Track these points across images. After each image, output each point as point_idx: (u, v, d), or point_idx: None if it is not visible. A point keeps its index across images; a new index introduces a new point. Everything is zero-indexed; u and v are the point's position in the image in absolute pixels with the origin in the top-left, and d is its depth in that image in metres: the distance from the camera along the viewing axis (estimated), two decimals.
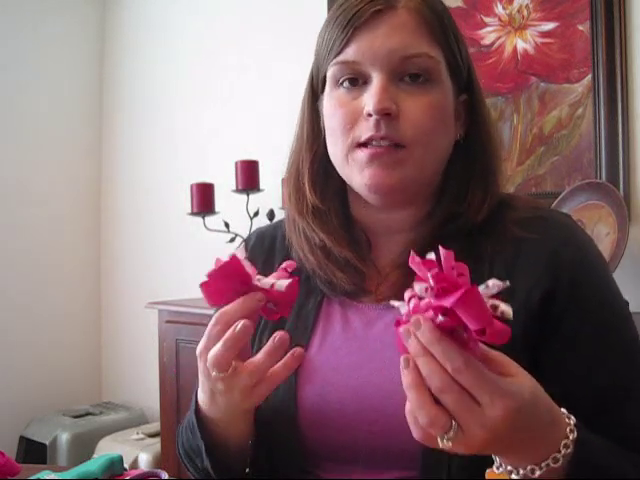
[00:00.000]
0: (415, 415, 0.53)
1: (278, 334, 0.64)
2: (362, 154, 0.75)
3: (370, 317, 0.79)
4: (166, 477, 0.92)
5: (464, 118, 0.82)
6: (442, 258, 0.52)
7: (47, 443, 2.59)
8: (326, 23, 0.79)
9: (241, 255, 0.65)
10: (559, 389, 0.70)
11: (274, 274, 0.68)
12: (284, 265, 0.69)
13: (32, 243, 2.94)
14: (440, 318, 0.51)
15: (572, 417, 0.60)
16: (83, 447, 2.55)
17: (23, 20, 2.92)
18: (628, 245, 1.57)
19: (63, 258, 3.07)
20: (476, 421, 0.52)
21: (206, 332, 0.66)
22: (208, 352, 0.65)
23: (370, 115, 0.73)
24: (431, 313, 0.52)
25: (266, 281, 0.65)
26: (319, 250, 0.82)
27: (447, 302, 0.50)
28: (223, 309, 0.66)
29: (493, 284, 0.53)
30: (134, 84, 3.09)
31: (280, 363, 0.65)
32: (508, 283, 0.53)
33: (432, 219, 0.80)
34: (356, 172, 0.76)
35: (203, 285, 0.64)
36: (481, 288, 0.52)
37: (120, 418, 2.77)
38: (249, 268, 0.65)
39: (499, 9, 1.99)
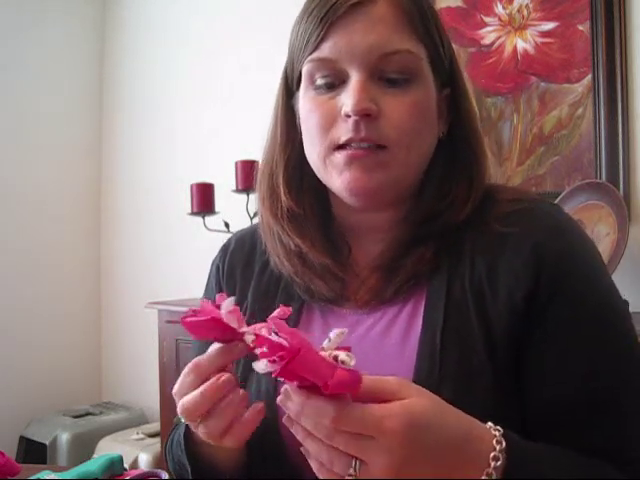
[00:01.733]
0: (317, 460, 0.55)
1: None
2: (340, 156, 0.71)
3: (350, 322, 0.76)
4: (166, 477, 0.92)
5: (446, 114, 0.77)
6: (276, 328, 0.54)
7: (47, 443, 2.59)
8: (300, 16, 0.75)
9: (226, 308, 0.60)
10: (545, 388, 0.68)
11: (263, 324, 0.61)
12: (278, 313, 0.62)
13: (32, 243, 2.94)
14: (295, 383, 0.54)
15: (499, 428, 0.58)
16: (83, 447, 2.55)
17: (23, 20, 2.92)
18: (628, 245, 1.57)
19: (63, 258, 3.07)
20: (373, 452, 0.52)
21: (180, 377, 0.64)
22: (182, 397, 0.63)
23: (349, 116, 0.69)
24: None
25: (250, 338, 0.60)
26: (295, 257, 0.78)
27: (278, 369, 0.52)
28: (197, 361, 0.62)
29: (334, 336, 0.55)
30: (134, 84, 3.09)
31: (243, 419, 0.62)
32: (346, 330, 0.55)
33: (413, 217, 0.76)
34: (335, 175, 0.72)
35: (183, 322, 0.61)
36: (325, 343, 0.54)
37: (120, 418, 2.77)
38: (233, 320, 0.60)
39: (499, 9, 1.99)
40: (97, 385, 3.17)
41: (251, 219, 2.27)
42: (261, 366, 0.54)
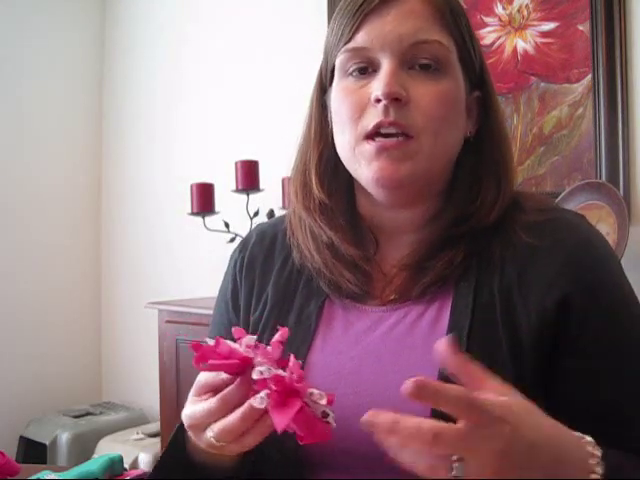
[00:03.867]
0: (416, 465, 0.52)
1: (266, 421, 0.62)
2: (369, 147, 0.73)
3: (373, 319, 0.77)
4: None
5: (476, 115, 0.80)
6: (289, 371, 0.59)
7: (47, 443, 2.59)
8: (336, 14, 0.78)
9: (246, 343, 0.63)
10: (578, 395, 0.69)
11: (267, 350, 0.63)
12: (279, 338, 0.64)
13: (32, 243, 2.94)
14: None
15: (598, 449, 0.58)
16: (83, 447, 2.55)
17: (23, 21, 2.92)
18: (628, 245, 1.57)
19: (63, 258, 3.07)
20: (482, 442, 0.50)
21: (202, 408, 0.63)
22: (201, 430, 0.64)
23: (378, 100, 0.71)
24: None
25: (264, 375, 0.61)
26: (326, 248, 0.80)
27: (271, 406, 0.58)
28: (222, 395, 0.62)
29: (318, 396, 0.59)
30: (134, 84, 3.09)
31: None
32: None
33: (441, 219, 0.77)
34: (364, 165, 0.74)
35: (210, 367, 0.62)
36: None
37: (120, 418, 2.77)
38: (254, 355, 0.62)
39: (499, 9, 1.99)
40: (97, 385, 3.17)
41: (251, 219, 2.27)
42: (258, 400, 0.58)
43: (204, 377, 0.65)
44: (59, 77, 3.06)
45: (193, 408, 0.64)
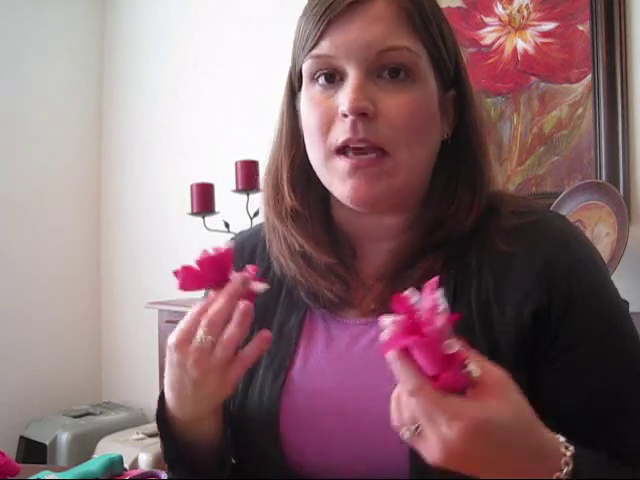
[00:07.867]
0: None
1: (241, 304, 0.66)
2: (343, 163, 0.70)
3: (354, 333, 0.75)
4: (166, 477, 0.92)
5: (452, 115, 0.76)
6: (426, 294, 0.56)
7: (47, 443, 2.59)
8: (302, 15, 0.74)
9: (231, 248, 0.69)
10: (559, 405, 0.68)
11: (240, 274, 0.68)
12: (250, 269, 0.69)
13: (32, 243, 2.94)
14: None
15: (570, 447, 0.58)
16: (83, 447, 2.55)
17: (23, 19, 2.92)
18: (628, 245, 1.57)
19: (63, 259, 3.07)
20: (433, 432, 0.53)
21: (187, 322, 0.67)
22: (189, 343, 0.65)
23: (345, 115, 0.68)
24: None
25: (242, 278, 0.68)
26: (300, 257, 0.77)
27: (400, 342, 0.53)
28: (212, 306, 0.67)
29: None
30: (134, 84, 3.09)
31: (249, 345, 0.66)
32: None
33: (419, 226, 0.75)
34: (337, 181, 0.71)
35: (184, 269, 0.68)
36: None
37: (120, 418, 2.77)
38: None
39: (499, 9, 1.99)
40: (97, 385, 3.17)
41: (251, 219, 2.27)
42: (387, 321, 0.55)
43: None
44: (59, 76, 3.05)
45: (178, 326, 0.67)
